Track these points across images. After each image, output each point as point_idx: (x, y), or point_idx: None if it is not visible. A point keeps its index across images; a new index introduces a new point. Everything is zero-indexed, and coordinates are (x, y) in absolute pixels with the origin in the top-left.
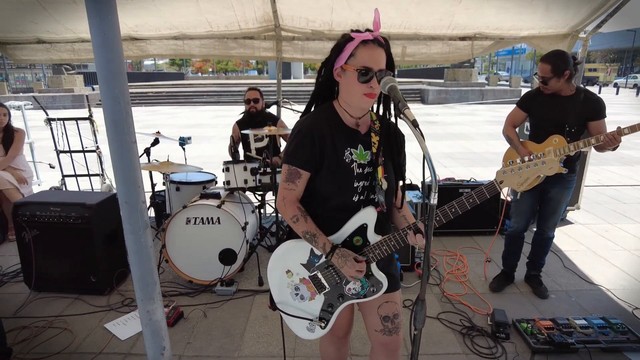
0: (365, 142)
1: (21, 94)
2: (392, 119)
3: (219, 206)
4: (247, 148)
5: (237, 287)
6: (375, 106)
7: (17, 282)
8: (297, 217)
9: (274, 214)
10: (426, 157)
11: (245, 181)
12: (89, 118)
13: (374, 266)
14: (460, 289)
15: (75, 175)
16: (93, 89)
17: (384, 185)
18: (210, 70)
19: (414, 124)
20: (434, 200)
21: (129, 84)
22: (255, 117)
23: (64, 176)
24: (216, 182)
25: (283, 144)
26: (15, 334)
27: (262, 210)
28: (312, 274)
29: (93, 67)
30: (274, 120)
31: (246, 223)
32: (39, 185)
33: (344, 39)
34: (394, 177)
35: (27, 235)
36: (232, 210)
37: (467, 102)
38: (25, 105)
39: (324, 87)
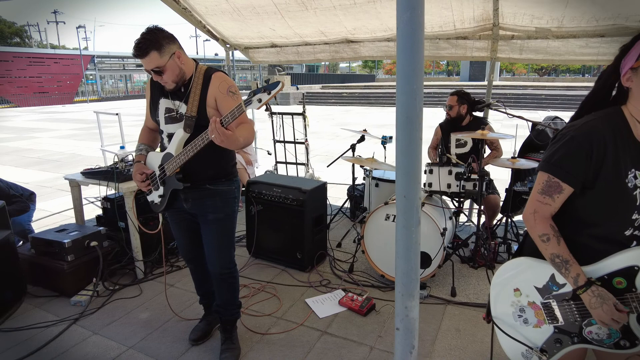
0: None
1: (243, 91)
2: None
3: None
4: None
5: (429, 292)
6: None
7: (239, 246)
8: (549, 236)
9: (468, 224)
10: None
11: (449, 185)
12: (303, 114)
13: (632, 318)
14: None
15: (286, 163)
16: (297, 88)
17: None
18: None
19: None
20: None
21: (325, 84)
22: (456, 122)
23: (277, 162)
24: None
25: (487, 151)
26: None
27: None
28: (545, 302)
29: (297, 68)
30: (480, 124)
31: (445, 229)
32: (256, 167)
33: (632, 39)
34: None
35: (254, 209)
36: (432, 213)
37: None
38: None
39: (600, 92)
